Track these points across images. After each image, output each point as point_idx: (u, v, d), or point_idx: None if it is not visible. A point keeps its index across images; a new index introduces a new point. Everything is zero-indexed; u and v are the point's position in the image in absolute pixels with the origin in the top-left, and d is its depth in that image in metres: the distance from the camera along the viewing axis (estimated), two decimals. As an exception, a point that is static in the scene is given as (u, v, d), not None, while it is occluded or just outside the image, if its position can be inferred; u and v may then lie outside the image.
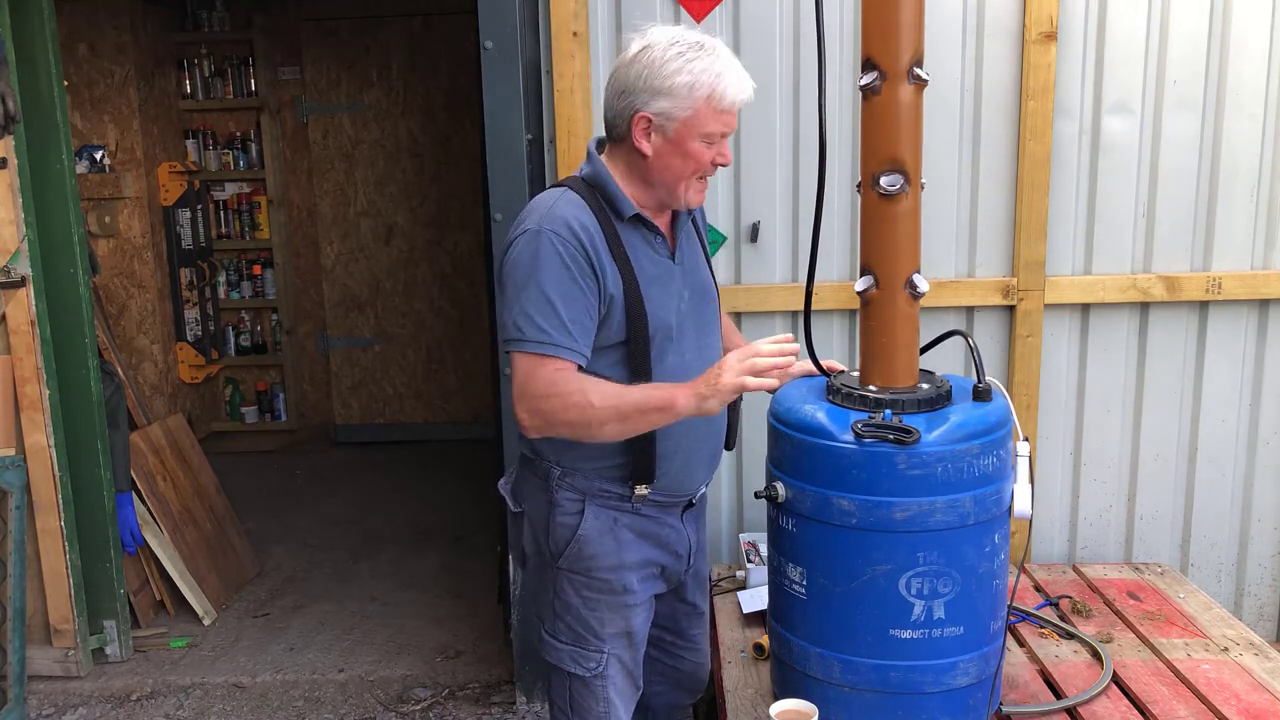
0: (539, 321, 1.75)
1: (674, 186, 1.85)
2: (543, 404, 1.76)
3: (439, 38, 5.57)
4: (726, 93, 1.77)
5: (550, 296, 1.75)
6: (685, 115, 1.77)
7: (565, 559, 1.92)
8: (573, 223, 1.78)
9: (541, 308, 1.75)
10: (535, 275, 1.75)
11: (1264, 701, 2.14)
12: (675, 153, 1.80)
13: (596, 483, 1.90)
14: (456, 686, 3.32)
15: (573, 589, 1.93)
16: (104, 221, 5.11)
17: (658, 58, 1.76)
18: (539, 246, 1.76)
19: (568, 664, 1.97)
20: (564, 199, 1.83)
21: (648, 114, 1.78)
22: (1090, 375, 2.95)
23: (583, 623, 1.94)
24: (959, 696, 1.95)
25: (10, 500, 3.09)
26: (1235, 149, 2.82)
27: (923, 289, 1.97)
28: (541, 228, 1.77)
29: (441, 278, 5.83)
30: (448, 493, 5.06)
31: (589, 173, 1.88)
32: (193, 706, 3.25)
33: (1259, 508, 3.01)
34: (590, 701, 1.98)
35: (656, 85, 1.76)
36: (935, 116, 2.72)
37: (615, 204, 1.85)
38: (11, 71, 3.05)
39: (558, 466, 1.91)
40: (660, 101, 1.76)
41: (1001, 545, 1.96)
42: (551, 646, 1.99)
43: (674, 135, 1.79)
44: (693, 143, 1.79)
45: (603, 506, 1.91)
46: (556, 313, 1.75)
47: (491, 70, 2.80)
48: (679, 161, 1.81)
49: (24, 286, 3.14)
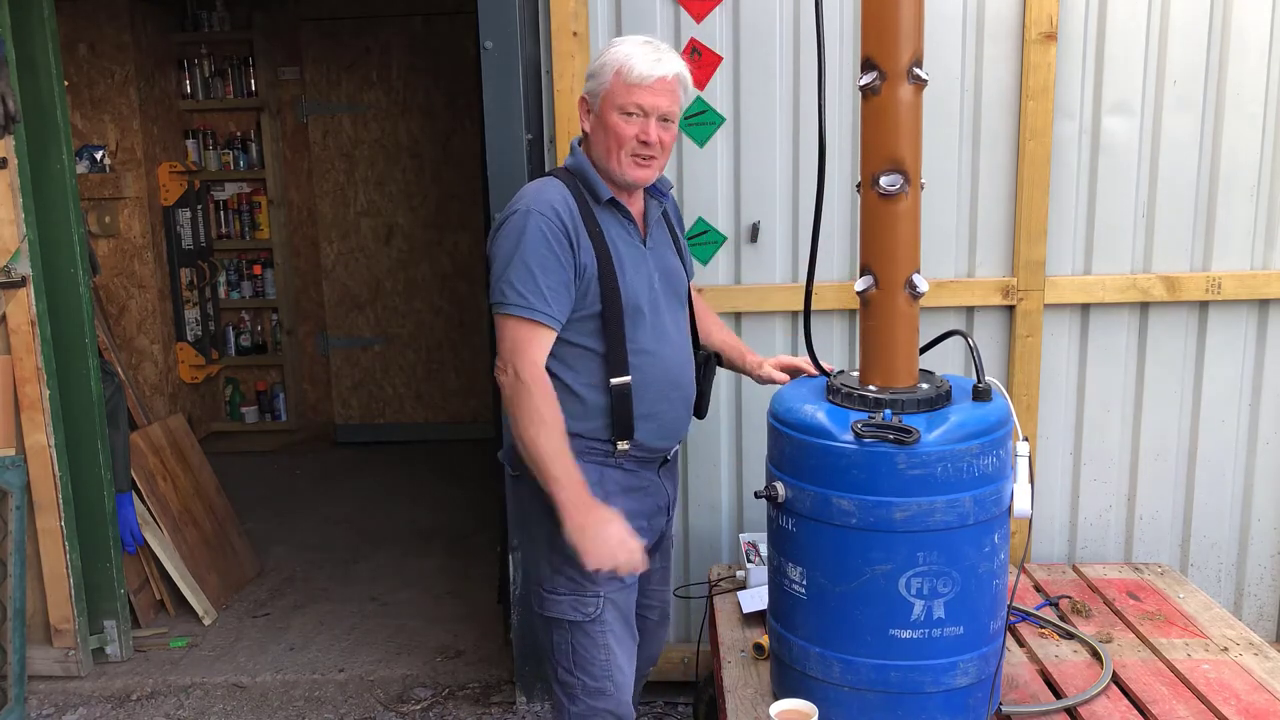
0: (519, 288, 2.00)
1: (607, 159, 2.09)
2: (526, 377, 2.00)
3: (439, 38, 5.57)
4: (634, 68, 2.04)
5: (531, 268, 2.00)
6: (603, 91, 2.06)
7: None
8: (556, 204, 2.05)
9: (523, 277, 2.00)
10: (520, 249, 2.01)
11: (1264, 701, 2.14)
12: (600, 126, 2.08)
13: (585, 441, 2.10)
14: (456, 686, 3.32)
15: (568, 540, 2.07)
16: (104, 221, 5.12)
17: (598, 53, 2.12)
18: (526, 224, 2.02)
19: (569, 613, 2.13)
20: (549, 184, 2.10)
21: (584, 94, 2.12)
22: (1090, 375, 2.95)
23: (579, 570, 2.05)
24: (959, 696, 1.95)
25: (10, 500, 3.09)
26: (1235, 149, 2.82)
27: (923, 289, 1.97)
28: (530, 208, 2.03)
29: (441, 278, 5.83)
30: (448, 493, 5.07)
31: (571, 163, 2.15)
32: (193, 706, 3.25)
33: (1259, 508, 3.01)
34: (592, 650, 2.14)
35: (589, 71, 2.11)
36: (935, 116, 2.72)
37: (593, 189, 2.10)
38: (11, 71, 3.05)
39: None
40: (589, 82, 2.10)
41: (1001, 545, 1.96)
42: (553, 601, 2.14)
43: (598, 110, 2.08)
44: (611, 115, 2.06)
45: (590, 462, 2.09)
46: (536, 281, 2.00)
47: (491, 70, 2.80)
48: (603, 134, 2.08)
49: (24, 286, 3.15)
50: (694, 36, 2.80)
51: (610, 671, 2.16)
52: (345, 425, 5.96)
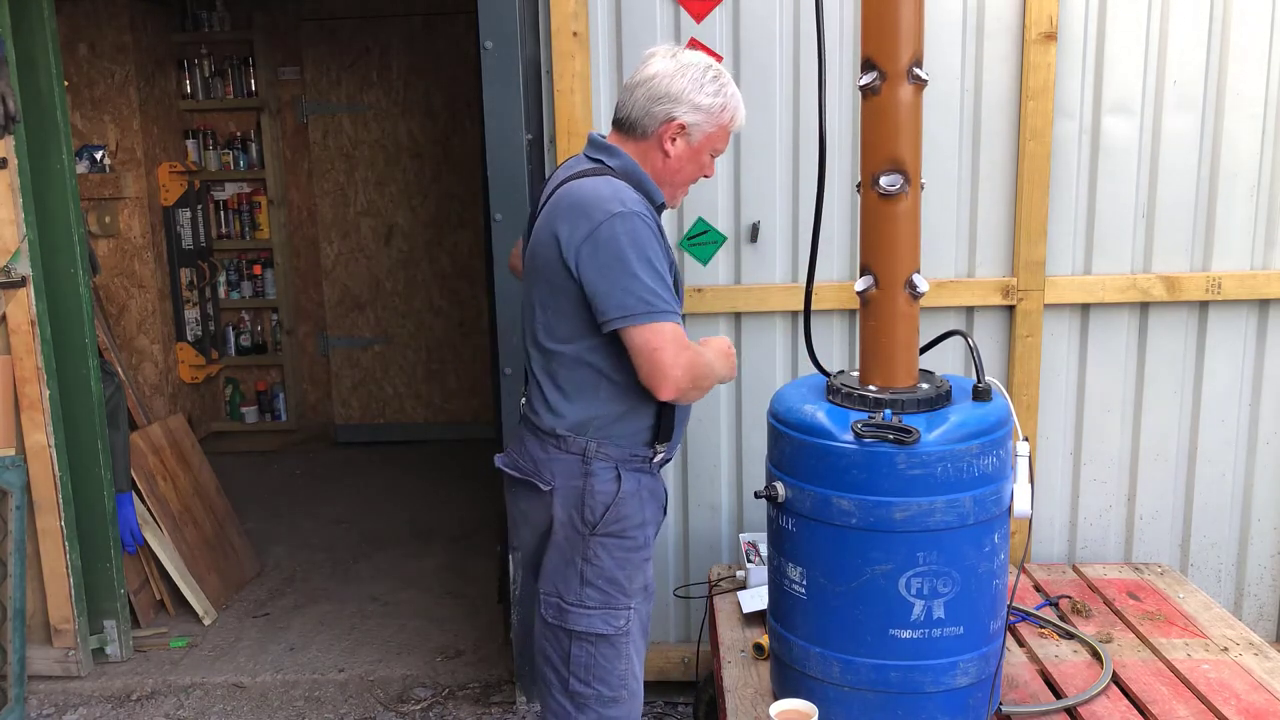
0: (662, 294, 1.92)
1: (677, 187, 2.10)
2: (696, 369, 1.96)
3: (439, 38, 5.57)
4: (739, 118, 2.06)
5: (659, 270, 1.94)
6: (710, 130, 2.02)
7: (603, 524, 2.05)
8: (643, 202, 1.98)
9: (659, 281, 1.93)
10: (644, 252, 1.92)
11: (1264, 701, 2.14)
12: (692, 159, 2.06)
13: (627, 450, 2.07)
14: (456, 686, 3.32)
15: (605, 552, 2.06)
16: (104, 221, 5.11)
17: (699, 77, 2.00)
18: (635, 226, 1.92)
19: (599, 626, 2.08)
20: (621, 186, 1.99)
21: (683, 121, 2.00)
22: (1090, 375, 2.95)
23: (613, 583, 2.07)
24: (959, 696, 1.95)
25: (10, 500, 3.09)
26: (1235, 149, 2.82)
27: (923, 289, 1.97)
28: (629, 209, 1.93)
29: (441, 278, 5.83)
30: (448, 493, 5.07)
31: (619, 165, 2.04)
32: (193, 706, 3.25)
33: (1259, 508, 3.01)
34: (614, 661, 2.10)
35: (696, 100, 1.99)
36: (935, 116, 2.73)
37: (650, 195, 2.04)
38: (11, 71, 3.05)
39: (594, 441, 2.05)
40: (695, 114, 2.00)
41: (1001, 545, 1.96)
42: (579, 615, 2.08)
43: (696, 144, 2.04)
44: (705, 154, 2.06)
45: (631, 471, 2.07)
46: (665, 284, 1.95)
47: (491, 70, 2.80)
48: (692, 167, 2.07)
49: (24, 286, 3.15)
50: (694, 36, 2.80)
51: (626, 681, 2.13)
52: (345, 425, 5.96)
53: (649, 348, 1.91)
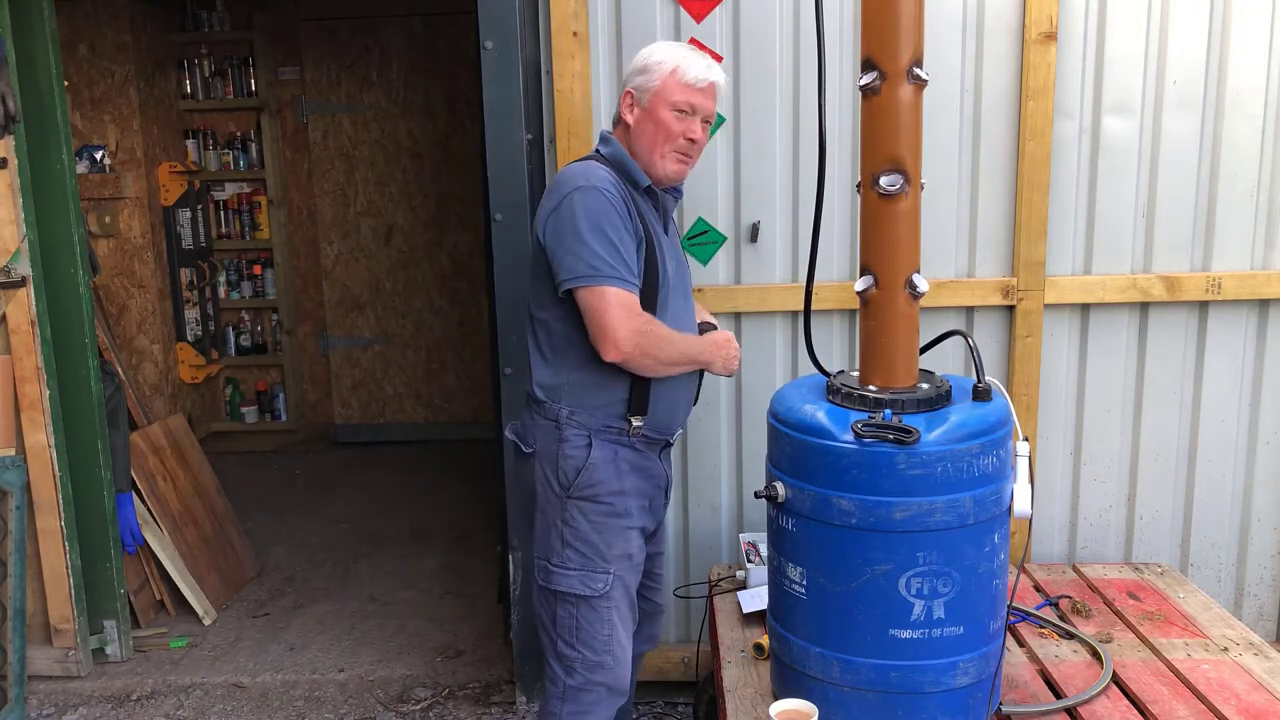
0: (609, 259, 2.04)
1: (650, 154, 2.17)
2: (644, 336, 2.06)
3: (439, 38, 5.57)
4: (690, 69, 2.14)
5: (613, 239, 2.05)
6: (654, 85, 2.15)
7: (575, 487, 2.16)
8: (610, 181, 2.11)
9: (609, 248, 2.04)
10: (597, 221, 2.05)
11: (1264, 701, 2.14)
12: (649, 119, 2.16)
13: (600, 419, 2.16)
14: (456, 686, 3.32)
15: (582, 515, 2.16)
16: (104, 221, 5.12)
17: (644, 54, 2.19)
18: (593, 199, 2.06)
19: (578, 587, 2.17)
20: (593, 167, 2.14)
21: (630, 88, 2.18)
22: (1090, 375, 2.95)
23: (591, 546, 2.17)
24: (959, 696, 1.95)
25: (10, 500, 3.09)
26: (1235, 149, 2.82)
27: (922, 289, 1.97)
28: (591, 184, 2.07)
29: (441, 278, 5.83)
30: (448, 492, 5.07)
31: (608, 152, 2.21)
32: (193, 706, 3.25)
33: (1259, 508, 3.01)
34: (596, 625, 2.19)
35: (638, 66, 2.18)
36: (935, 116, 2.73)
37: (632, 176, 2.17)
38: (11, 71, 3.05)
39: (566, 407, 2.17)
40: (636, 78, 2.18)
41: (1001, 545, 1.96)
42: (561, 575, 2.18)
43: (648, 104, 2.16)
44: (662, 110, 2.15)
45: (604, 440, 2.17)
46: (619, 253, 2.05)
47: (491, 70, 2.80)
48: (652, 128, 2.16)
49: (24, 286, 3.15)
50: (694, 36, 2.80)
51: (611, 646, 2.21)
52: (345, 425, 5.96)
53: (593, 309, 2.05)
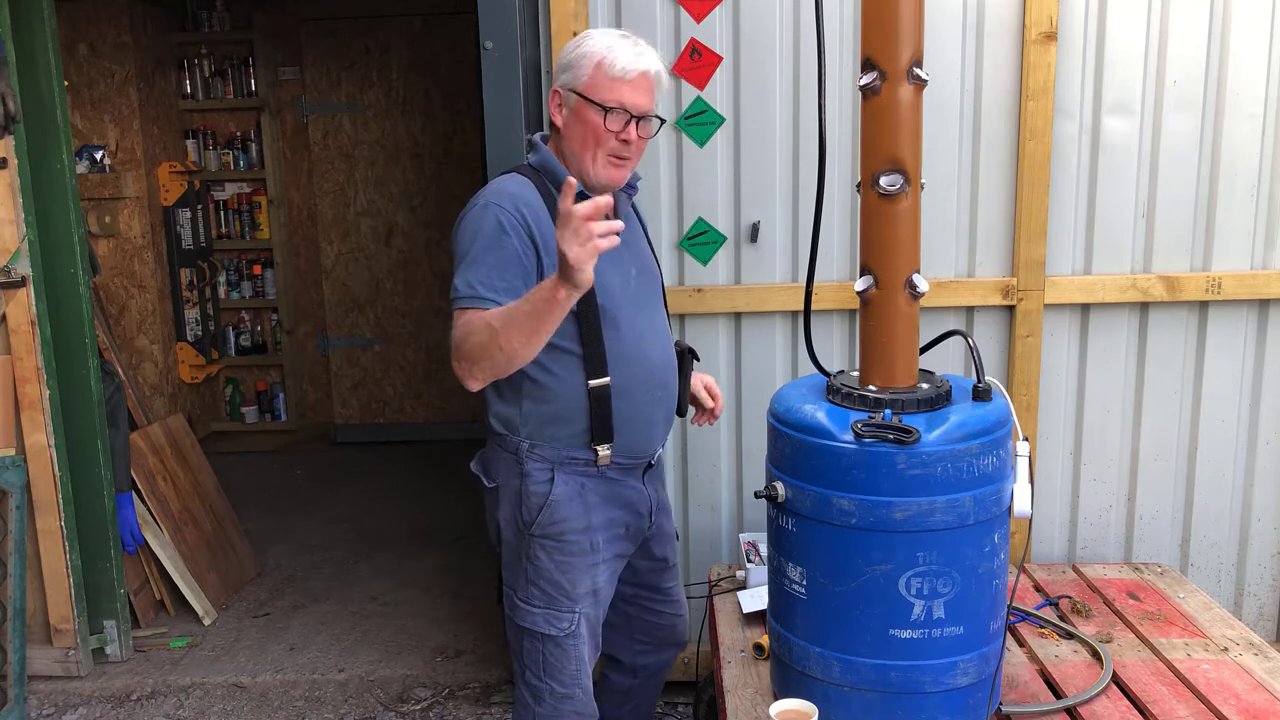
0: (473, 281, 1.90)
1: (581, 157, 1.99)
2: (464, 345, 1.89)
3: (439, 38, 5.57)
4: (616, 61, 1.94)
5: (488, 261, 1.91)
6: (581, 82, 1.96)
7: (538, 525, 2.05)
8: (517, 198, 1.96)
9: (479, 271, 1.91)
10: (477, 242, 1.92)
11: (1264, 701, 2.14)
12: (577, 122, 1.97)
13: (564, 451, 2.04)
14: (456, 686, 3.32)
15: (545, 554, 2.07)
16: (104, 221, 5.11)
17: (572, 41, 2.01)
18: (484, 217, 1.93)
19: (541, 625, 2.09)
20: (510, 179, 2.02)
21: (556, 87, 2.00)
22: (1090, 375, 2.95)
23: (555, 585, 2.08)
24: (959, 696, 1.95)
25: (10, 500, 3.09)
26: (1235, 149, 2.82)
27: (923, 289, 1.97)
28: (489, 201, 1.95)
29: (442, 278, 5.82)
30: (448, 493, 5.07)
31: (535, 159, 2.06)
32: (193, 706, 3.25)
33: (1259, 507, 3.01)
34: (563, 660, 2.12)
35: (564, 62, 1.99)
36: (935, 116, 2.73)
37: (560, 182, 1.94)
38: (11, 71, 3.05)
39: (527, 440, 2.05)
40: (562, 75, 1.99)
41: (1001, 545, 1.96)
42: (525, 611, 2.11)
43: (574, 105, 1.97)
44: (589, 111, 1.95)
45: (570, 474, 2.05)
46: (489, 275, 1.90)
47: (491, 70, 2.80)
48: (580, 130, 1.97)
49: (24, 286, 3.15)
50: (694, 36, 2.80)
51: (579, 679, 2.15)
52: (345, 425, 5.96)
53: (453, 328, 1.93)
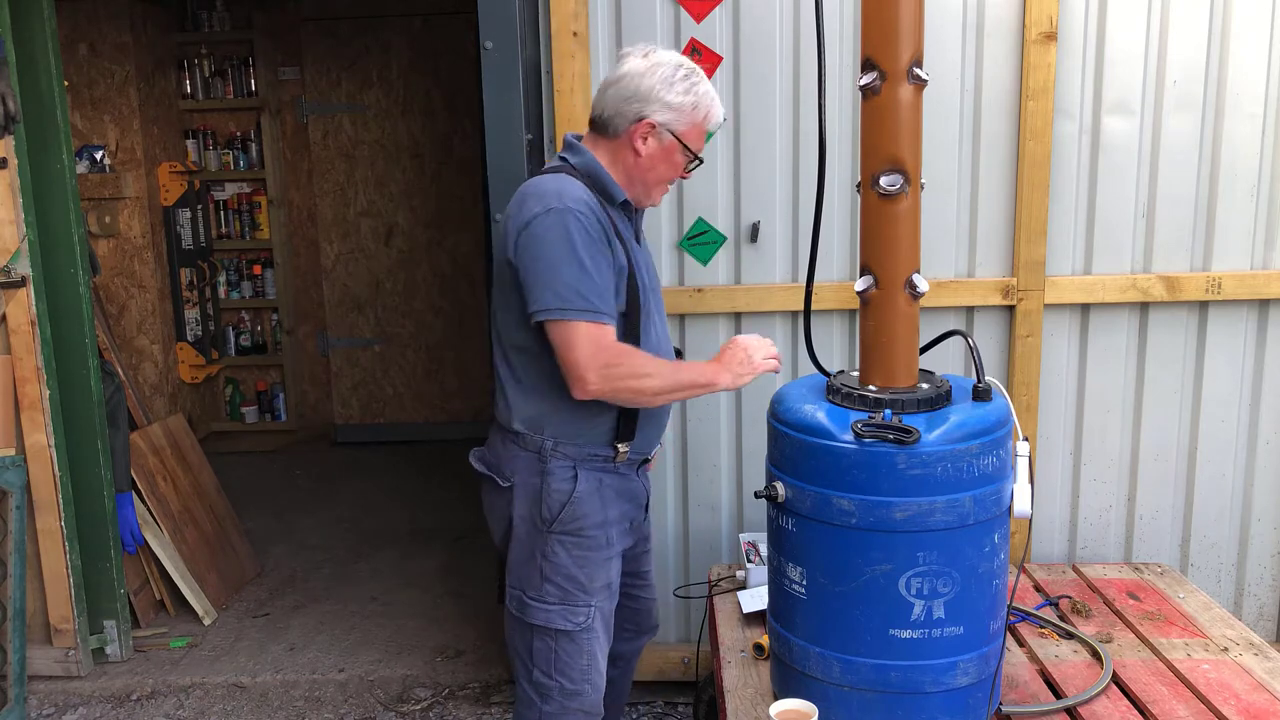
0: (583, 291, 1.92)
1: (652, 187, 2.10)
2: (614, 371, 1.95)
3: (439, 38, 5.57)
4: (714, 116, 2.07)
5: (587, 268, 1.92)
6: (682, 129, 2.03)
7: (559, 522, 2.09)
8: (590, 205, 1.98)
9: (582, 279, 1.92)
10: (570, 248, 1.92)
11: (1264, 701, 2.14)
12: (664, 159, 2.06)
13: (586, 449, 2.09)
14: (457, 686, 3.32)
15: (564, 549, 2.10)
16: (104, 221, 5.12)
17: (669, 75, 2.01)
18: (566, 222, 1.93)
19: (557, 622, 2.12)
20: (569, 182, 2.01)
21: (654, 120, 2.01)
22: (1090, 375, 2.95)
23: (573, 580, 2.10)
24: (959, 696, 1.95)
25: (10, 500, 3.09)
26: (1235, 149, 2.82)
27: (923, 289, 1.97)
28: (565, 205, 1.94)
29: (441, 278, 5.83)
30: (448, 492, 5.07)
31: (580, 162, 2.07)
32: (193, 706, 3.25)
33: (1259, 507, 3.01)
34: (575, 657, 2.14)
35: (667, 99, 2.01)
36: (935, 116, 2.73)
37: (608, 190, 2.06)
38: (12, 71, 3.05)
39: (551, 439, 2.08)
40: (666, 113, 2.01)
41: (1001, 545, 1.96)
42: (539, 609, 2.12)
43: (668, 144, 2.05)
44: (678, 154, 2.06)
45: (590, 470, 2.10)
46: (594, 283, 1.93)
47: (491, 70, 2.80)
48: (664, 167, 2.07)
49: (24, 286, 3.15)
50: (694, 36, 2.80)
51: (590, 675, 2.17)
52: (345, 425, 5.96)
53: (561, 346, 1.94)
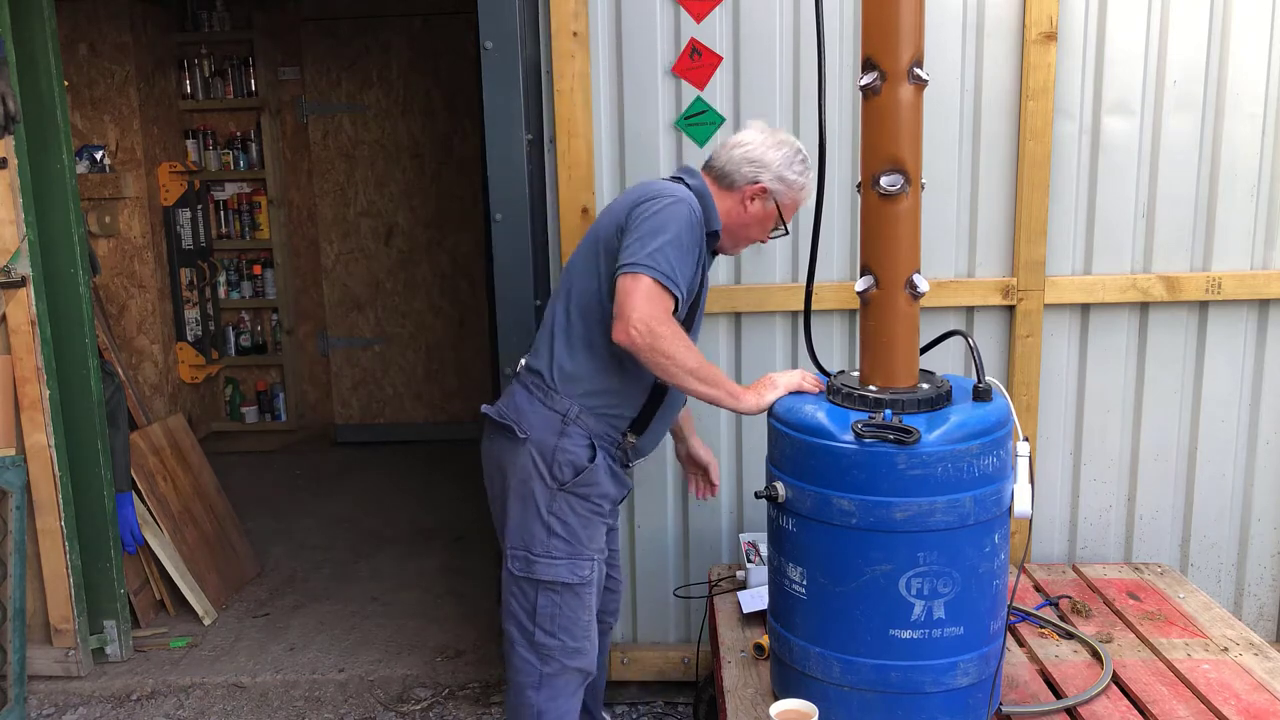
0: (673, 262, 2.10)
1: (740, 240, 2.35)
2: (659, 328, 2.07)
3: (439, 38, 5.57)
4: (807, 197, 2.32)
5: (683, 250, 2.13)
6: (786, 201, 2.30)
7: (573, 484, 2.23)
8: (698, 211, 2.21)
9: (673, 255, 2.10)
10: (677, 230, 2.12)
11: (1264, 701, 2.14)
12: (759, 220, 2.31)
13: (603, 426, 2.26)
14: (456, 686, 3.32)
15: (570, 508, 2.24)
16: (104, 221, 5.12)
17: (790, 156, 2.28)
18: (685, 213, 2.15)
19: (564, 575, 2.25)
20: (689, 194, 2.24)
21: (767, 186, 2.26)
22: (1090, 375, 2.95)
23: (577, 537, 2.26)
24: (959, 696, 1.95)
25: (10, 500, 3.09)
26: (1235, 149, 2.82)
27: (923, 289, 1.98)
28: (688, 200, 2.19)
29: (441, 278, 5.83)
30: (448, 493, 5.07)
31: (695, 185, 2.30)
32: (193, 706, 3.25)
33: (1259, 507, 3.01)
34: (578, 611, 2.28)
35: (783, 174, 2.27)
36: (935, 116, 2.73)
37: (710, 214, 2.28)
38: (12, 71, 3.05)
39: (576, 404, 2.23)
40: (778, 184, 2.27)
41: (1001, 545, 1.96)
42: (547, 565, 2.25)
43: (769, 209, 2.30)
44: (771, 220, 2.32)
45: (602, 446, 2.26)
46: (684, 265, 2.13)
47: (491, 70, 2.80)
48: (756, 228, 2.32)
49: (24, 286, 3.15)
50: (694, 36, 2.80)
51: (589, 632, 2.31)
52: (345, 425, 5.96)
53: (625, 290, 2.08)
